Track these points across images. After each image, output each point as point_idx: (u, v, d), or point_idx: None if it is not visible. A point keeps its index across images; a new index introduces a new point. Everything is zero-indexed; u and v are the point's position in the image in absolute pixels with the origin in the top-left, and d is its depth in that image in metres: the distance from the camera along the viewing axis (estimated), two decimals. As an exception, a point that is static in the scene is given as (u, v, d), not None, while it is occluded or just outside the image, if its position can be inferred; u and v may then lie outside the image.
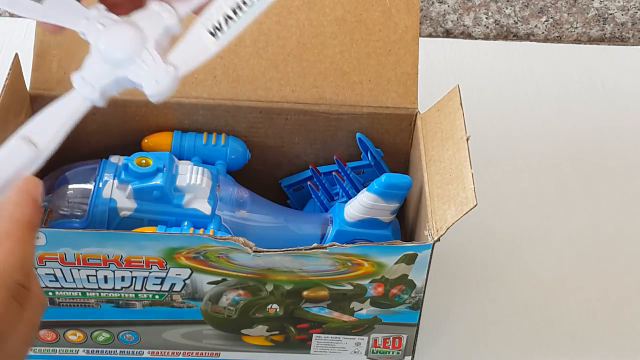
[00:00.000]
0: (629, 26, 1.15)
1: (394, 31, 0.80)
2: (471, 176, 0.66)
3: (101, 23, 0.44)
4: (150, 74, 0.44)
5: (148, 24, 0.44)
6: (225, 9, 0.45)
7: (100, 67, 0.44)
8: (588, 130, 1.00)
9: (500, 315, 0.83)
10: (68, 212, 0.75)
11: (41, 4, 0.45)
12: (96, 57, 0.44)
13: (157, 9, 0.45)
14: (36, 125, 0.45)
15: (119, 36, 0.44)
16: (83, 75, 0.44)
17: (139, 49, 0.44)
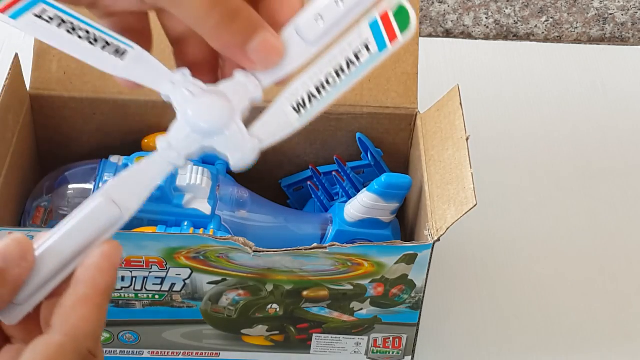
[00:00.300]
0: (629, 26, 1.15)
1: (394, 31, 0.80)
2: (471, 176, 0.66)
3: (189, 90, 0.45)
4: (236, 147, 0.45)
5: (235, 95, 0.45)
6: (309, 87, 0.45)
7: (188, 135, 0.45)
8: (588, 130, 1.00)
9: (500, 315, 0.83)
10: (68, 212, 0.75)
11: (123, 61, 0.45)
12: (183, 124, 0.45)
13: (244, 80, 0.45)
14: (119, 186, 0.45)
15: (209, 107, 0.44)
16: (170, 141, 0.45)
17: (227, 122, 0.45)
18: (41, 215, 0.76)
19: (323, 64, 0.45)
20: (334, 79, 0.45)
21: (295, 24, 0.45)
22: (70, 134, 0.82)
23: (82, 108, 0.80)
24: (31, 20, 0.45)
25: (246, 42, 0.44)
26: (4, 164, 0.73)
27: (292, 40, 0.45)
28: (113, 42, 0.45)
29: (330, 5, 0.45)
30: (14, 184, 0.75)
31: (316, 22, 0.45)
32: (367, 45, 0.44)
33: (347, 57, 0.45)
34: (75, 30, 0.45)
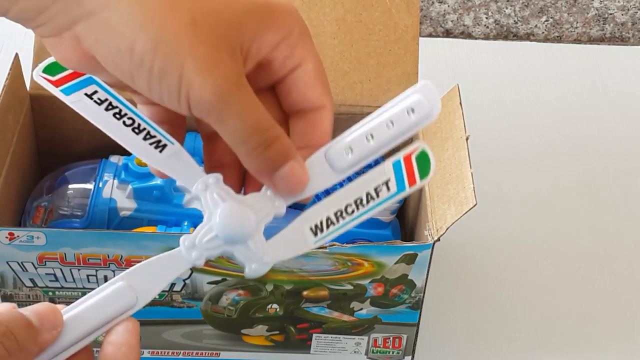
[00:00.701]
0: (629, 26, 1.15)
1: (394, 31, 0.80)
2: (471, 176, 0.66)
3: (220, 196, 0.46)
4: (254, 258, 0.46)
5: (262, 209, 0.46)
6: (329, 212, 0.48)
7: (212, 239, 0.46)
8: (588, 130, 1.00)
9: (500, 315, 0.83)
10: (68, 212, 0.75)
11: (161, 154, 0.47)
12: (209, 228, 0.46)
13: (271, 196, 0.47)
14: (140, 274, 0.46)
15: (236, 216, 0.46)
16: (194, 241, 0.46)
17: (251, 233, 0.46)
18: (41, 215, 0.76)
19: (345, 193, 0.47)
20: (353, 209, 0.47)
21: (325, 150, 0.47)
22: (70, 134, 0.82)
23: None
24: (82, 99, 0.47)
25: (275, 170, 0.46)
26: (4, 164, 0.73)
27: (320, 165, 0.47)
28: (155, 135, 0.47)
29: (360, 140, 0.47)
30: (14, 184, 0.75)
31: (346, 153, 0.47)
32: (388, 184, 0.46)
33: (368, 191, 0.47)
34: (122, 116, 0.47)
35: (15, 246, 0.67)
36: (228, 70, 0.43)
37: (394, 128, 0.47)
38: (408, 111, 0.47)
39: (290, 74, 0.47)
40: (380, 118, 0.48)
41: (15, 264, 0.68)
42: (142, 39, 0.42)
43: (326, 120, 0.48)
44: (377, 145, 0.47)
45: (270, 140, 0.45)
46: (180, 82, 0.42)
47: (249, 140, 0.45)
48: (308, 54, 0.47)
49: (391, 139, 0.47)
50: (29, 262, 0.68)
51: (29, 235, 0.67)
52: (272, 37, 0.45)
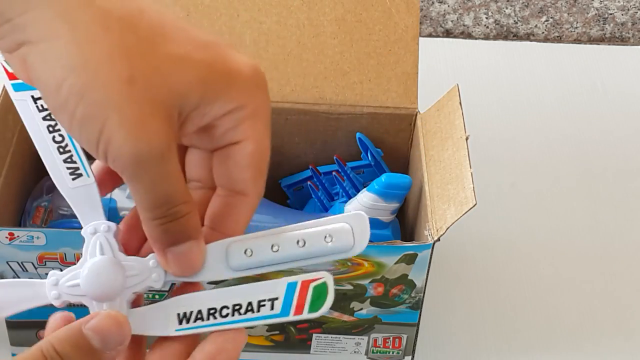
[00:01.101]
0: (629, 26, 1.15)
1: (394, 31, 0.80)
2: (470, 175, 0.66)
3: (101, 247, 0.45)
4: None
5: (136, 276, 0.45)
6: (203, 305, 0.45)
7: (74, 286, 0.45)
8: (588, 130, 1.00)
9: (500, 315, 0.83)
10: (68, 212, 0.75)
11: (72, 182, 0.45)
12: (76, 274, 0.45)
13: (151, 267, 0.45)
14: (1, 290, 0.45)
15: (104, 275, 0.44)
16: (59, 280, 0.45)
17: (111, 297, 0.44)
18: (41, 215, 0.76)
19: (230, 292, 0.45)
20: (228, 313, 0.44)
21: (228, 244, 0.45)
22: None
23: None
24: (26, 100, 0.46)
25: (171, 245, 0.44)
26: (4, 164, 0.73)
27: (217, 256, 0.45)
28: (76, 162, 0.45)
29: (264, 247, 0.44)
30: (14, 184, 0.75)
31: (246, 254, 0.44)
32: (273, 303, 0.43)
33: (251, 301, 0.44)
34: (55, 131, 0.46)
35: (15, 246, 0.67)
36: (153, 135, 0.41)
37: (303, 248, 0.44)
38: (326, 236, 0.44)
39: (227, 147, 0.45)
40: (293, 233, 0.44)
41: (15, 264, 0.68)
42: (70, 81, 0.40)
43: (243, 210, 0.46)
44: (280, 258, 0.44)
45: (177, 215, 0.43)
46: (100, 134, 0.41)
47: (155, 210, 0.43)
48: (252, 134, 0.44)
49: (296, 257, 0.44)
50: (29, 262, 0.68)
51: (29, 235, 0.67)
52: (220, 107, 0.43)
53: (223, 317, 0.44)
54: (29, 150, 0.80)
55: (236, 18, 0.79)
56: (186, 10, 0.79)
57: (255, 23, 0.79)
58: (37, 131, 0.46)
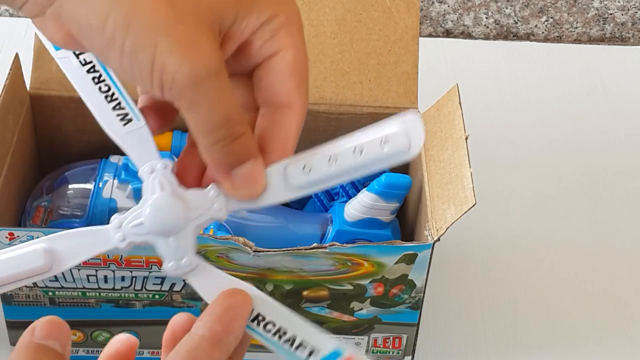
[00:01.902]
0: (629, 26, 1.15)
1: (394, 31, 0.80)
2: (470, 175, 0.66)
3: (161, 184, 0.45)
4: (173, 257, 0.45)
5: (199, 208, 0.45)
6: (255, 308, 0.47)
7: (138, 225, 0.45)
8: (588, 130, 1.00)
9: (500, 315, 0.83)
10: (68, 212, 0.75)
11: (123, 128, 0.46)
12: (139, 213, 0.45)
13: (213, 197, 0.45)
14: (62, 241, 0.45)
15: (167, 210, 0.44)
16: (123, 223, 0.45)
17: (177, 231, 0.45)
18: (41, 215, 0.76)
19: (281, 313, 0.46)
20: (270, 330, 0.47)
21: (284, 165, 0.44)
22: (70, 134, 0.82)
23: (82, 108, 0.79)
24: (68, 56, 0.46)
25: (235, 166, 0.44)
26: (4, 164, 0.73)
27: (276, 179, 0.44)
28: (125, 108, 0.46)
29: (322, 161, 0.44)
30: (14, 184, 0.75)
31: (304, 172, 0.44)
32: (311, 354, 0.45)
33: (295, 337, 0.46)
34: (100, 82, 0.46)
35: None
36: (207, 53, 0.41)
37: (361, 156, 0.44)
38: (381, 142, 0.43)
39: (266, 61, 0.44)
40: (350, 143, 0.44)
41: (15, 264, 0.68)
42: (113, 15, 0.40)
43: (291, 122, 0.45)
44: (338, 171, 0.44)
45: (237, 134, 0.43)
46: (153, 63, 0.40)
47: (216, 132, 0.42)
48: (290, 42, 0.44)
49: (355, 168, 0.44)
50: (29, 262, 0.68)
51: (29, 235, 0.67)
52: (255, 19, 0.43)
53: (265, 329, 0.46)
54: (29, 150, 0.80)
55: (236, 18, 0.79)
56: (186, 10, 0.79)
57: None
58: (83, 85, 0.46)
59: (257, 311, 0.46)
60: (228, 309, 0.45)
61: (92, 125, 0.82)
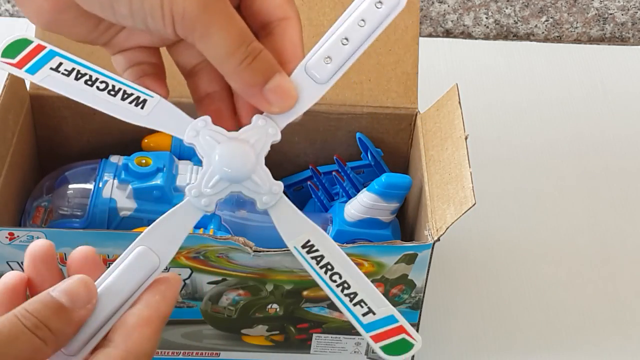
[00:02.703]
0: (629, 26, 1.15)
1: (394, 31, 0.80)
2: (470, 175, 0.66)
3: (213, 138, 0.46)
4: (262, 191, 0.46)
5: (258, 140, 0.46)
6: (328, 254, 0.48)
7: (216, 183, 0.46)
8: (588, 130, 1.00)
9: (500, 315, 0.83)
10: (68, 212, 0.75)
11: (144, 110, 0.46)
12: (212, 173, 0.46)
13: (263, 124, 0.47)
14: (155, 235, 0.45)
15: (235, 155, 0.45)
16: (201, 190, 0.46)
17: (254, 168, 0.46)
18: (41, 215, 0.76)
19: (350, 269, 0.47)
20: (336, 281, 0.47)
21: (304, 66, 0.47)
22: (70, 134, 0.82)
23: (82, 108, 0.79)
24: (49, 74, 0.46)
25: (264, 83, 0.45)
26: (4, 164, 0.73)
27: (303, 80, 0.47)
28: (132, 92, 0.46)
29: (337, 45, 0.47)
30: (14, 184, 0.75)
31: (325, 62, 0.47)
32: (368, 314, 0.46)
33: (357, 293, 0.46)
34: (94, 81, 0.46)
35: (15, 246, 0.67)
36: None
37: (366, 25, 0.46)
38: (376, 4, 0.47)
39: None
40: (350, 19, 0.47)
41: (15, 264, 0.68)
42: None
43: (292, 31, 0.47)
44: (354, 47, 0.47)
45: (256, 51, 0.45)
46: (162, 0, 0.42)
47: (236, 52, 0.44)
48: None
49: (366, 37, 0.47)
50: (29, 262, 0.68)
51: (29, 235, 0.67)
52: None
53: (331, 279, 0.46)
54: (29, 150, 0.80)
55: (236, 18, 0.79)
56: (186, 10, 0.79)
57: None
58: (81, 93, 0.46)
59: (328, 260, 0.47)
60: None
61: (92, 125, 0.83)
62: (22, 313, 0.41)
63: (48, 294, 0.42)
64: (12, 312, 0.41)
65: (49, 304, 0.42)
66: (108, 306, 0.44)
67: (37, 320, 0.41)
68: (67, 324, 0.42)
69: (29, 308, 0.41)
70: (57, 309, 0.42)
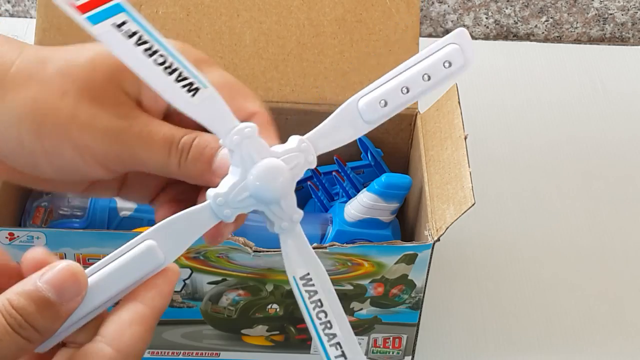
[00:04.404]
0: (629, 26, 1.15)
1: (394, 31, 0.80)
2: (469, 175, 0.66)
3: (257, 152, 0.44)
4: (284, 217, 0.45)
5: (296, 166, 0.45)
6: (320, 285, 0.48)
7: (245, 198, 0.44)
8: (588, 130, 1.00)
9: (500, 315, 0.83)
10: (68, 212, 0.75)
11: (193, 99, 0.43)
12: (243, 187, 0.44)
13: (305, 148, 0.45)
14: (167, 231, 0.44)
15: (275, 179, 0.44)
16: (227, 200, 0.44)
17: (286, 194, 0.44)
18: (41, 215, 0.76)
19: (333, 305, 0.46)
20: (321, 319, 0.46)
21: (357, 101, 0.47)
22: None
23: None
24: (109, 30, 0.41)
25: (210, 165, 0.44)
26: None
27: (351, 114, 0.46)
28: (188, 77, 0.43)
29: (396, 92, 0.47)
30: (14, 184, 0.75)
31: (380, 105, 0.47)
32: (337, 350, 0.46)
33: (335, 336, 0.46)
34: (154, 53, 0.42)
35: (15, 246, 0.67)
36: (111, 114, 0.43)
37: (430, 81, 0.46)
38: (444, 63, 0.47)
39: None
40: (415, 70, 0.47)
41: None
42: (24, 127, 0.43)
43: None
44: (410, 98, 0.47)
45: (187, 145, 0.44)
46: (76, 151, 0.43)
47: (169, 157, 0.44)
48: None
49: (424, 92, 0.47)
50: (29, 262, 0.68)
51: (29, 235, 0.67)
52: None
53: (317, 316, 0.46)
54: (29, 150, 0.80)
55: (236, 18, 0.79)
56: (186, 10, 0.79)
57: (255, 23, 0.79)
58: (136, 60, 0.42)
59: (319, 297, 0.46)
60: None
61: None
62: (6, 309, 0.40)
63: (35, 285, 0.41)
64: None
65: (35, 299, 0.40)
66: (99, 297, 0.42)
67: (22, 319, 0.40)
68: (53, 321, 0.41)
69: (14, 302, 0.40)
70: (43, 305, 0.41)
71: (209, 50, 0.78)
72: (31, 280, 0.41)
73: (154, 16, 0.78)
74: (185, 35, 0.78)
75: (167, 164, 0.44)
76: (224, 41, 0.79)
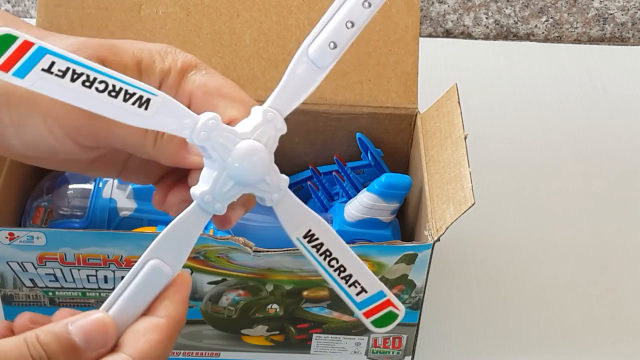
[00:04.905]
0: (629, 26, 1.15)
1: (394, 31, 0.80)
2: (469, 175, 0.66)
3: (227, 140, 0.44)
4: (273, 190, 0.45)
5: (270, 139, 0.45)
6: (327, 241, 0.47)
7: (230, 187, 0.44)
8: (588, 130, 1.00)
9: (500, 315, 0.83)
10: (68, 212, 0.75)
11: (147, 111, 0.42)
12: (226, 177, 0.44)
13: (272, 118, 0.45)
14: (166, 245, 0.44)
15: (253, 161, 0.44)
16: (213, 195, 0.44)
17: (268, 169, 0.45)
18: (41, 215, 0.76)
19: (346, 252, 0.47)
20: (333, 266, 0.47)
21: (306, 52, 0.46)
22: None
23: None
24: (42, 77, 0.39)
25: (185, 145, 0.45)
26: (4, 164, 0.73)
27: (305, 66, 0.46)
28: (135, 92, 0.42)
29: (341, 29, 0.47)
30: (14, 184, 0.75)
31: (329, 48, 0.47)
32: (361, 293, 0.48)
33: (351, 275, 0.48)
34: (93, 82, 0.41)
35: (15, 246, 0.67)
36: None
37: (371, 7, 0.47)
38: None
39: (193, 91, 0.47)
40: (352, 0, 0.47)
41: (15, 264, 0.68)
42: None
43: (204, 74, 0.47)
44: (357, 29, 0.47)
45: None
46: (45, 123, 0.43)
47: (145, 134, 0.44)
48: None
49: (368, 18, 0.47)
50: (29, 262, 0.68)
51: (29, 235, 0.67)
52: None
53: (329, 265, 0.47)
54: (29, 150, 0.80)
55: (236, 18, 0.79)
56: (186, 10, 0.79)
57: (255, 23, 0.79)
58: (78, 96, 0.40)
59: (326, 247, 0.47)
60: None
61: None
62: (32, 342, 0.40)
63: (65, 327, 0.41)
64: (23, 335, 0.40)
65: (62, 340, 0.41)
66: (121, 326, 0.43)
67: (45, 355, 0.40)
68: None
69: (40, 337, 0.40)
70: (68, 348, 0.41)
71: (209, 50, 0.79)
72: (62, 322, 0.42)
73: (154, 16, 0.78)
74: (185, 35, 0.78)
75: (143, 141, 0.44)
76: (224, 41, 0.79)
